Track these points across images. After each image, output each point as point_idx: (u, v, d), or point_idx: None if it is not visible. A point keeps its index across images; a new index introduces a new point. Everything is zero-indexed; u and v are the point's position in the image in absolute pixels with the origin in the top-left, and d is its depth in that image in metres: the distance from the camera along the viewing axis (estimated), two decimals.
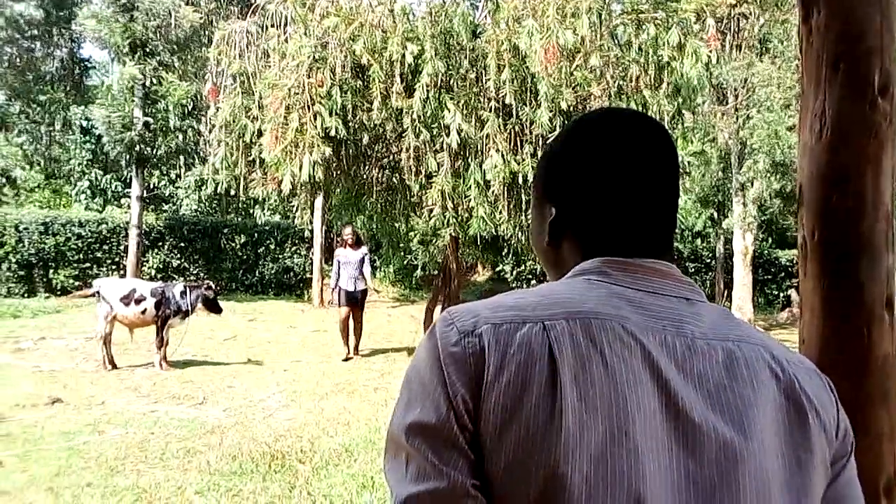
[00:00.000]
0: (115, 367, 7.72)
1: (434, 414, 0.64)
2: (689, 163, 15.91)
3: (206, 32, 15.49)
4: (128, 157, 15.69)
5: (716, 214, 23.13)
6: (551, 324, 0.65)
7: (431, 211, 7.10)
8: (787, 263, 22.37)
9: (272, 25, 7.60)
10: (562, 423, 0.60)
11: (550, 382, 0.62)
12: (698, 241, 22.72)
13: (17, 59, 18.46)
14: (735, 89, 15.93)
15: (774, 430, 0.65)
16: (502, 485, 0.62)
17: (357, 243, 9.00)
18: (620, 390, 0.62)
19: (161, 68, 15.42)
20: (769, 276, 21.47)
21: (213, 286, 8.30)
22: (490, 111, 6.66)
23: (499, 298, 0.72)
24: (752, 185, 15.97)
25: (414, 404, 0.67)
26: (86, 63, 20.63)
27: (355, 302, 8.98)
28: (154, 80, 15.22)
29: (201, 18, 16.24)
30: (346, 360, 8.86)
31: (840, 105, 1.30)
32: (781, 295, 20.00)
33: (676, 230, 0.82)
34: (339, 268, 8.96)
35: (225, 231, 19.07)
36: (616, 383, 0.62)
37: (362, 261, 8.88)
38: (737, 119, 15.89)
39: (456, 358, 0.65)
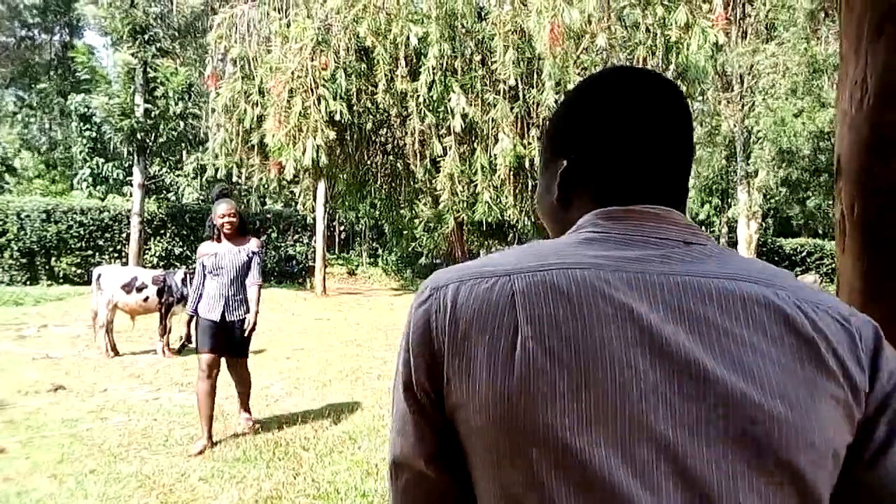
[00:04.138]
0: (117, 354, 7.70)
1: (401, 379, 0.70)
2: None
3: (208, 19, 15.46)
4: (129, 145, 15.64)
5: (720, 203, 23.03)
6: (518, 275, 0.64)
7: (439, 197, 7.02)
8: (791, 252, 22.31)
9: (274, 9, 7.50)
10: (521, 372, 0.60)
11: (510, 334, 0.61)
12: (702, 231, 22.69)
13: (16, 46, 18.41)
14: (741, 76, 15.81)
15: (780, 373, 0.59)
16: (454, 423, 0.66)
17: (242, 233, 4.91)
18: (590, 342, 0.59)
19: (160, 55, 15.34)
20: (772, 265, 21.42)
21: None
22: (497, 94, 6.56)
23: (485, 258, 0.72)
24: (758, 173, 15.89)
25: (398, 365, 0.71)
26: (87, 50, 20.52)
27: (230, 342, 4.73)
28: (151, 68, 15.14)
29: (203, 4, 16.15)
30: (199, 453, 4.39)
31: (884, 70, 1.22)
32: None
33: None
34: (202, 277, 4.82)
35: None
36: (587, 334, 0.60)
37: (248, 265, 4.84)
38: (742, 107, 15.78)
39: (423, 315, 0.68)
